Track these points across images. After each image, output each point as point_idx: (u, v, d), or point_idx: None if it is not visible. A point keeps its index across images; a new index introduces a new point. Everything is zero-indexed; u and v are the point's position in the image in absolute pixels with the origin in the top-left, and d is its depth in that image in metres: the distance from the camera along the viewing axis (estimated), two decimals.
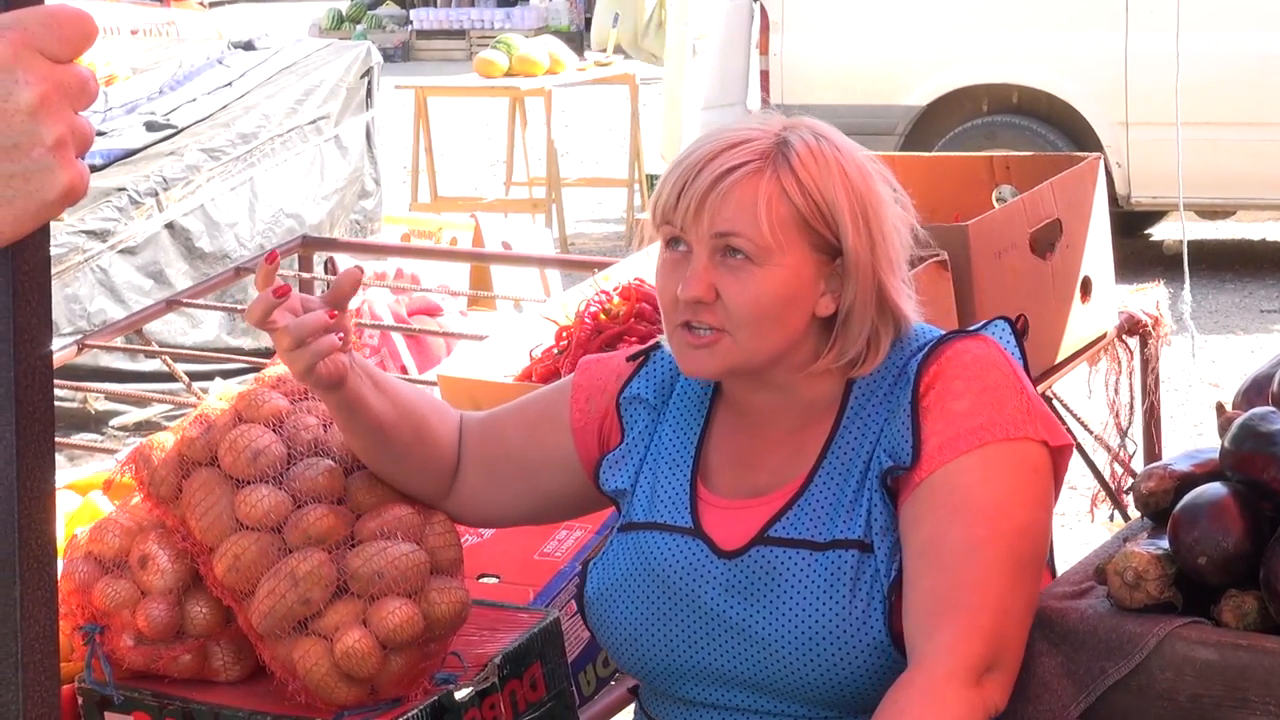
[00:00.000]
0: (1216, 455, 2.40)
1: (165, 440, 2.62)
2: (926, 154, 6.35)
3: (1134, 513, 4.08)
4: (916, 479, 2.20)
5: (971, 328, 2.34)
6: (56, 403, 1.26)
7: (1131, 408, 4.15)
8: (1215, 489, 2.28)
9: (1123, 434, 4.17)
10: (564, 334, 3.33)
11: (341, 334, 2.31)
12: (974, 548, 2.15)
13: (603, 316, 3.32)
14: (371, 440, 2.44)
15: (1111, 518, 4.48)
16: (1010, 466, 2.20)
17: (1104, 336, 3.85)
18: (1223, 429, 2.42)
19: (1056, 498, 2.31)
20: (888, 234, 2.26)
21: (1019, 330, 2.36)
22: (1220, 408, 2.51)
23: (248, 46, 7.83)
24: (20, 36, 1.17)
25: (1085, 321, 3.71)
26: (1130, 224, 10.30)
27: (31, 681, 1.24)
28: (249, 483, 2.53)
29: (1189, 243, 7.76)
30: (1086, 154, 3.88)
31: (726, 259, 2.21)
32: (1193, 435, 6.82)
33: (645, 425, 2.41)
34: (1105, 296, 3.79)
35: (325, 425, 2.61)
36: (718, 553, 2.28)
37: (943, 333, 2.31)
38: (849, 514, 2.23)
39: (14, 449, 1.21)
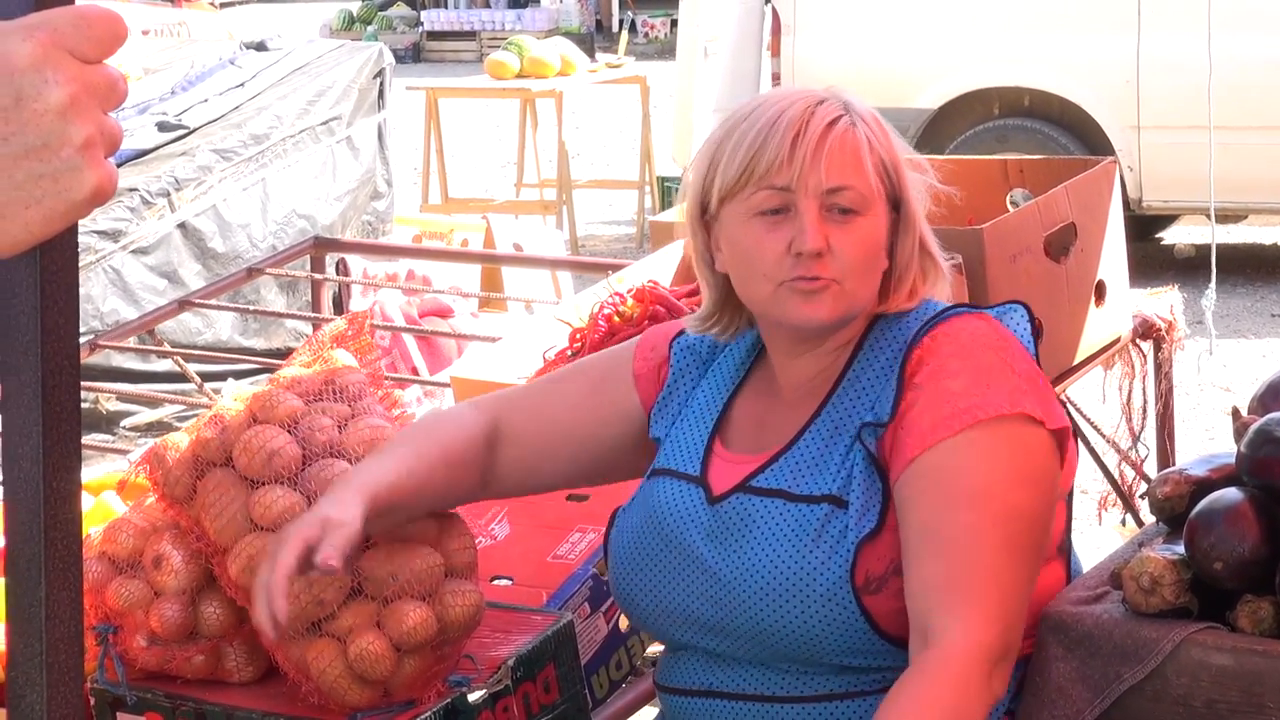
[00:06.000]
0: (1232, 460, 2.40)
1: (180, 441, 2.62)
2: (940, 157, 6.33)
3: (1146, 517, 4.09)
4: (909, 453, 2.21)
5: (983, 307, 2.39)
6: None
7: (1144, 411, 4.14)
8: (1232, 494, 2.28)
9: (1135, 438, 4.17)
10: (577, 336, 3.33)
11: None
12: (972, 534, 2.17)
13: (616, 319, 3.31)
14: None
15: (1124, 522, 4.48)
16: (1000, 448, 2.21)
17: (1118, 340, 3.84)
18: (1238, 434, 2.42)
19: (1067, 482, 2.32)
20: (919, 187, 2.36)
21: (1035, 320, 2.40)
22: (1236, 413, 2.51)
23: (260, 47, 7.83)
24: (50, 37, 1.17)
25: (1100, 325, 3.71)
26: (1142, 228, 10.29)
27: (55, 683, 1.25)
28: (263, 483, 2.53)
29: (1200, 246, 7.75)
30: (1101, 158, 3.87)
31: (833, 214, 2.27)
32: (1204, 439, 6.81)
33: (691, 378, 2.47)
34: (1120, 300, 3.79)
35: (340, 427, 2.61)
36: (708, 499, 2.34)
37: (947, 306, 2.36)
38: (835, 472, 2.26)
39: (40, 448, 1.21)
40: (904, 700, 2.12)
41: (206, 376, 5.34)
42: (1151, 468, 4.32)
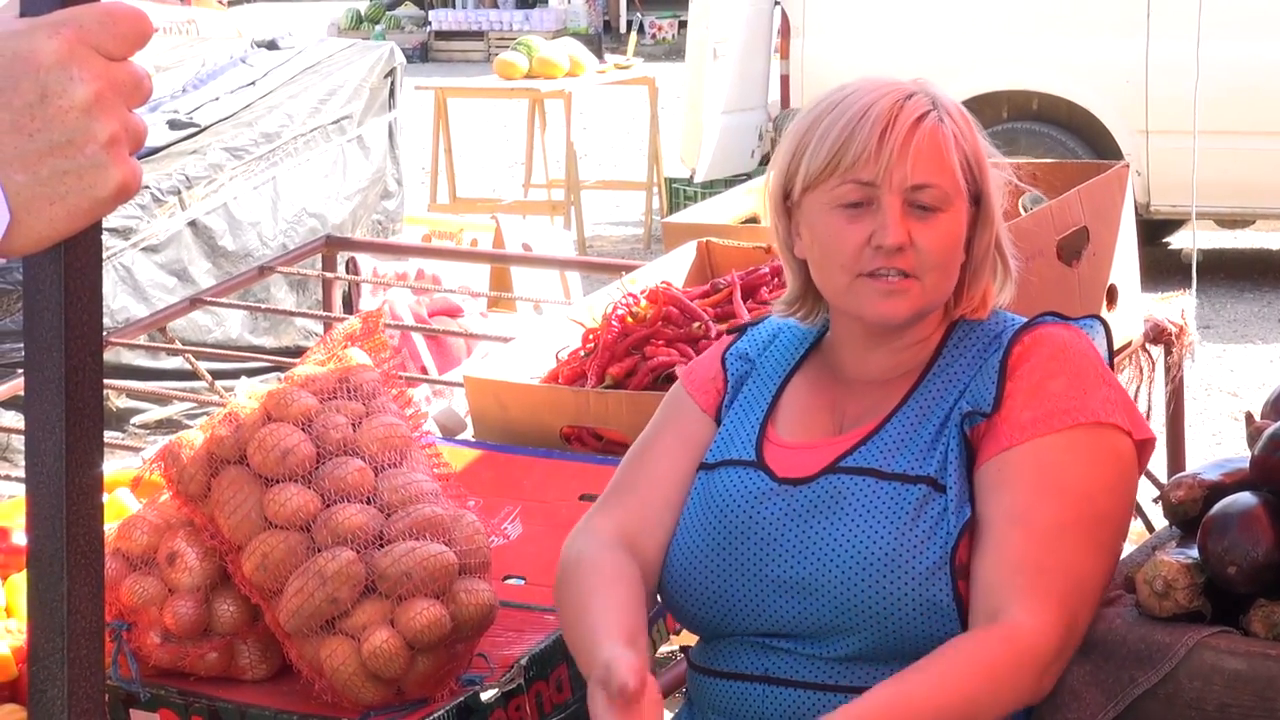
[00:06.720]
0: (1246, 465, 2.40)
1: (194, 438, 2.63)
2: None
3: (1157, 521, 4.08)
4: (1004, 442, 2.26)
5: (1068, 319, 2.43)
6: None
7: (1148, 415, 4.14)
8: (1245, 498, 2.28)
9: None
10: (590, 336, 3.33)
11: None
12: (1058, 528, 2.21)
13: (629, 319, 3.31)
14: None
15: None
16: (1096, 452, 2.27)
17: (1129, 345, 3.84)
18: (1252, 439, 2.42)
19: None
20: (999, 185, 2.39)
21: (1110, 336, 2.47)
22: (1250, 417, 2.50)
23: (271, 46, 7.83)
24: (75, 33, 1.18)
25: (1112, 329, 3.70)
26: (1150, 232, 10.28)
27: (77, 678, 1.25)
28: (278, 481, 2.54)
29: (1208, 251, 7.74)
30: (1114, 162, 3.87)
31: (915, 209, 2.29)
32: (1211, 444, 6.81)
33: (740, 377, 2.47)
34: (1131, 305, 3.79)
35: (354, 425, 2.62)
36: (778, 480, 2.32)
37: (1037, 314, 2.41)
38: (925, 453, 2.28)
39: (63, 444, 1.21)
40: (954, 654, 2.13)
41: (216, 374, 5.34)
42: (1161, 472, 4.32)
